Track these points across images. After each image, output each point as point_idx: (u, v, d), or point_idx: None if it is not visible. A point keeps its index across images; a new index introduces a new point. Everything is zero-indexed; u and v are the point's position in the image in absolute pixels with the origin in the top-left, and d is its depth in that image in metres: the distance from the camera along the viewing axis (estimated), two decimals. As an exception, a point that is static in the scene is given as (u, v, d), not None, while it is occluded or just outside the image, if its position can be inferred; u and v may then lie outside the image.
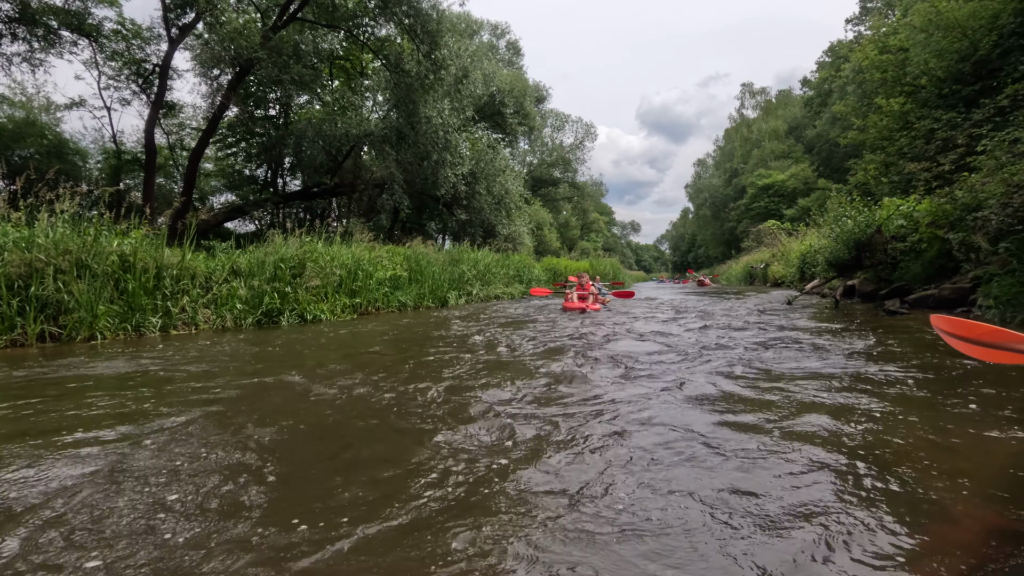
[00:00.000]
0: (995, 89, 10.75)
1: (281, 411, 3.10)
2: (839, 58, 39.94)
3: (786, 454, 2.26)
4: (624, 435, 2.56)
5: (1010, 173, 7.06)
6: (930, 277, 9.30)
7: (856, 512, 1.74)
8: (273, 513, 1.79)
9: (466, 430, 2.67)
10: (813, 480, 1.99)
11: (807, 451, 2.28)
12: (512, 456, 2.31)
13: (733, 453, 2.29)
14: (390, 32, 17.72)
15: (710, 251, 65.45)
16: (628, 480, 2.03)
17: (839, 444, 2.37)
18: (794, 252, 21.59)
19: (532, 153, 40.81)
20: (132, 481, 2.07)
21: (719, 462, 2.19)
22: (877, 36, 16.15)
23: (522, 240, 24.70)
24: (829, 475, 2.03)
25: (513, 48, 36.40)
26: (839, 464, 2.14)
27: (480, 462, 2.24)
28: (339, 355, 5.31)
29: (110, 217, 7.45)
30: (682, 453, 2.30)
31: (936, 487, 1.90)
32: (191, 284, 7.92)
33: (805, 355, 4.67)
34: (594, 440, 2.49)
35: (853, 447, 2.33)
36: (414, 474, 2.12)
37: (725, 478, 2.03)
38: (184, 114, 20.71)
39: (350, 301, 10.13)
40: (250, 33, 13.43)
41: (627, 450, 2.36)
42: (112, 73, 17.65)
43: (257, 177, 23.07)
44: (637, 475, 2.07)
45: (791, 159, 50.08)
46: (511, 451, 2.38)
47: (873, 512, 1.74)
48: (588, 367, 4.36)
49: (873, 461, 2.16)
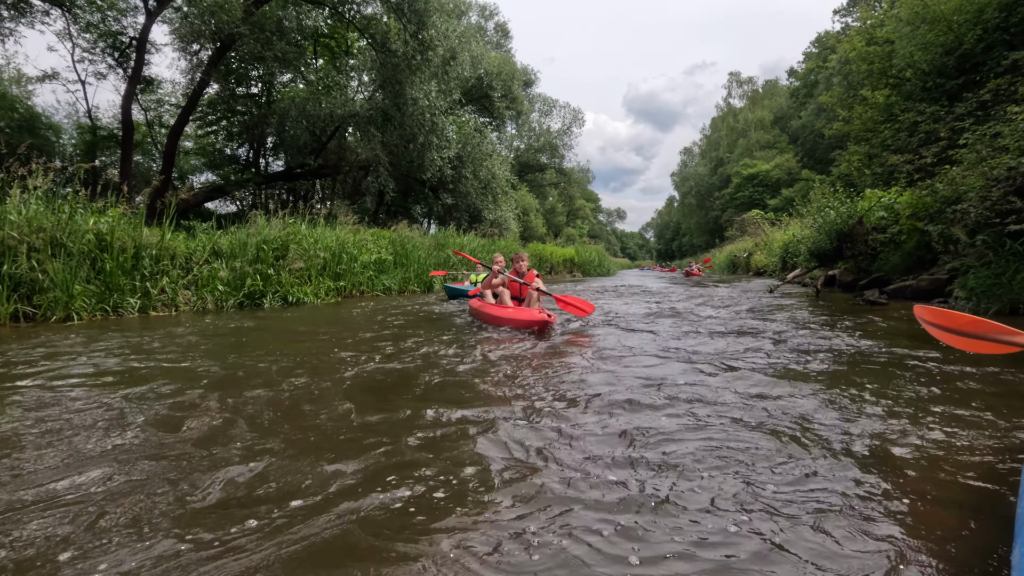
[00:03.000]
0: (978, 83, 10.89)
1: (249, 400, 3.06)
2: (826, 49, 40.22)
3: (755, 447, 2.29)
4: (610, 411, 2.57)
5: (990, 167, 7.18)
6: (909, 268, 9.47)
7: (823, 506, 1.77)
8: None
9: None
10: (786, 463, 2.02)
11: (779, 440, 2.32)
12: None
13: (702, 440, 2.31)
14: (376, 10, 17.34)
15: (695, 239, 65.96)
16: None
17: (809, 434, 2.41)
18: (777, 242, 21.84)
19: (519, 138, 40.53)
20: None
21: (690, 442, 2.21)
22: (864, 27, 16.22)
23: (508, 225, 24.63)
24: (800, 459, 2.06)
25: (501, 30, 35.89)
26: (812, 448, 2.17)
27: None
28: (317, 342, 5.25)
29: (86, 195, 7.24)
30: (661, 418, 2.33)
31: (909, 476, 1.95)
32: (171, 265, 7.77)
33: (785, 345, 4.74)
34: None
35: (826, 437, 2.37)
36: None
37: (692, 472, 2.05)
38: (163, 90, 20.15)
39: (334, 284, 10.04)
40: (231, 7, 13.05)
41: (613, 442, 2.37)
42: (87, 45, 17.07)
43: (239, 156, 22.61)
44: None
45: (776, 149, 50.48)
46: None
47: (836, 507, 1.77)
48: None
49: (845, 450, 2.20)
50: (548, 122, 42.20)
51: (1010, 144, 7.13)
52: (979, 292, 6.49)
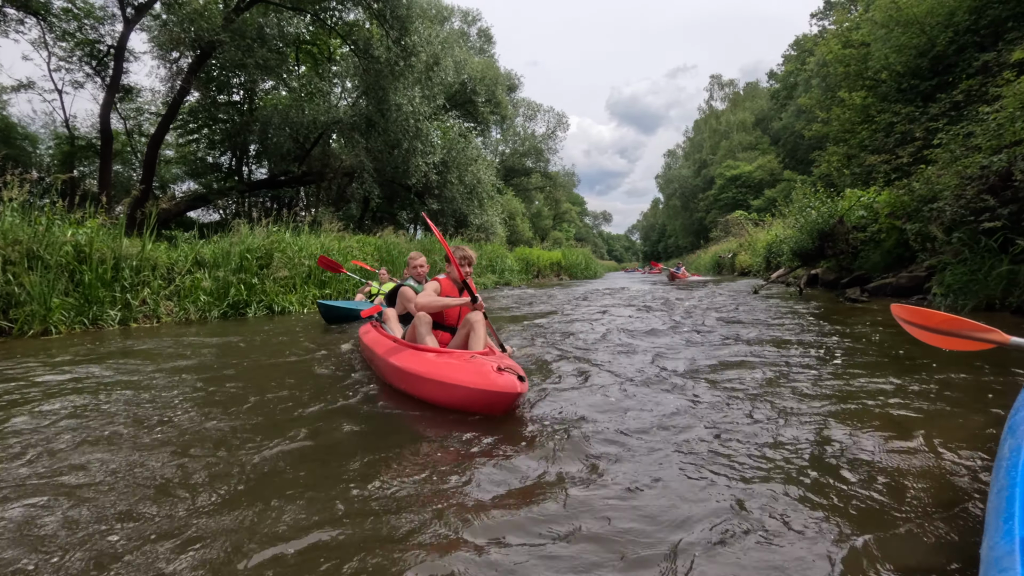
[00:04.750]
0: (951, 84, 11.15)
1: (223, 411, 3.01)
2: (804, 52, 40.88)
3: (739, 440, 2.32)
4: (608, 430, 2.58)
5: (963, 166, 7.35)
6: (888, 266, 9.64)
7: (791, 501, 1.79)
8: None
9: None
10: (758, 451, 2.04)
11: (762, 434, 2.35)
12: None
13: (675, 439, 2.33)
14: (358, 16, 17.33)
15: (680, 241, 66.45)
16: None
17: (783, 426, 2.44)
18: (760, 242, 22.12)
19: (504, 142, 40.65)
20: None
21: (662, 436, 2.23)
22: (841, 31, 16.53)
23: (495, 230, 24.64)
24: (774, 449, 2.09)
25: (484, 35, 36.03)
26: (789, 445, 2.20)
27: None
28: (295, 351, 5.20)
29: (63, 206, 7.12)
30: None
31: (882, 471, 1.98)
32: (152, 275, 7.65)
33: (770, 344, 4.79)
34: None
35: (798, 434, 2.40)
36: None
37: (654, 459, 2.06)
38: (142, 98, 19.90)
39: (320, 292, 9.95)
40: (211, 15, 12.97)
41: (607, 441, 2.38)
42: (63, 54, 16.80)
43: (221, 164, 22.39)
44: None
45: (758, 150, 51.15)
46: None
47: (809, 504, 1.79)
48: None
49: (818, 443, 2.23)
50: (533, 126, 42.43)
51: (982, 143, 7.30)
52: (956, 289, 6.63)
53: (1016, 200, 6.26)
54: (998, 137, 7.02)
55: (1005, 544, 0.83)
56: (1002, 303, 6.06)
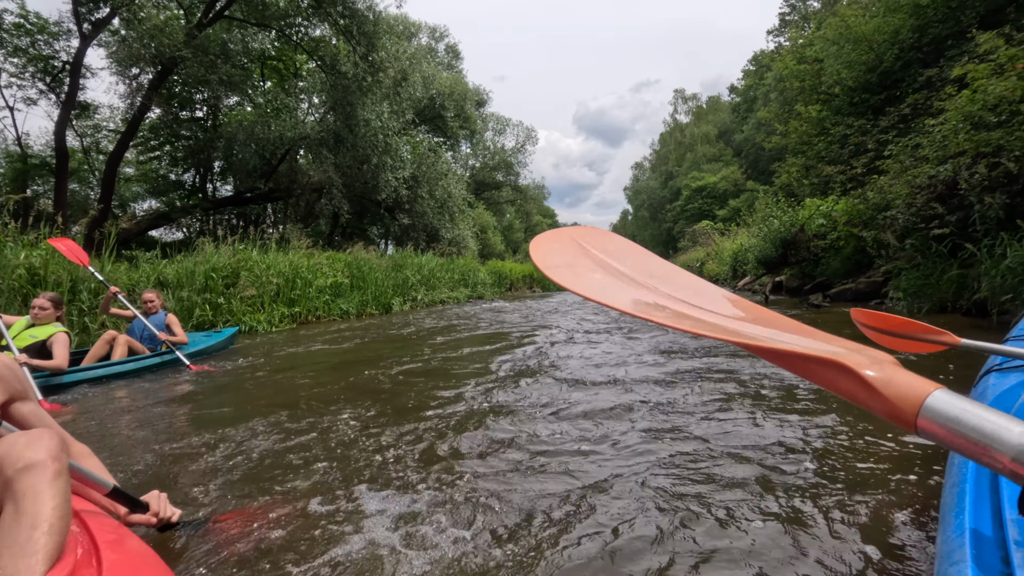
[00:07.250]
0: (899, 98, 11.70)
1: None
2: (762, 67, 42.40)
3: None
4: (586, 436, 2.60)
5: (913, 176, 7.71)
6: (848, 272, 10.01)
7: (760, 507, 1.84)
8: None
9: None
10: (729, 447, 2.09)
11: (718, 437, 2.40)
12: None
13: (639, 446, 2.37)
14: (325, 32, 17.25)
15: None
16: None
17: (745, 432, 2.50)
18: (727, 251, 22.67)
19: (474, 156, 40.76)
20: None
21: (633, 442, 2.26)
22: (795, 47, 17.22)
23: (467, 244, 24.65)
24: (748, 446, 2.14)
25: (452, 51, 36.26)
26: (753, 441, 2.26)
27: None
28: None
29: (16, 227, 6.85)
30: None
31: (838, 467, 2.05)
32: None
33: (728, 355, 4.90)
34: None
35: (761, 436, 2.47)
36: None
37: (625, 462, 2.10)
38: (100, 115, 19.28)
39: (288, 310, 9.77)
40: (172, 30, 12.75)
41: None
42: (15, 70, 16.15)
43: (184, 182, 21.86)
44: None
45: (722, 162, 52.67)
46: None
47: (777, 511, 1.85)
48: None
49: (778, 444, 2.30)
50: (502, 140, 42.65)
51: (929, 154, 7.67)
52: (911, 292, 6.92)
53: (962, 208, 6.60)
54: (943, 148, 7.38)
55: (956, 537, 0.87)
56: (953, 305, 6.35)
